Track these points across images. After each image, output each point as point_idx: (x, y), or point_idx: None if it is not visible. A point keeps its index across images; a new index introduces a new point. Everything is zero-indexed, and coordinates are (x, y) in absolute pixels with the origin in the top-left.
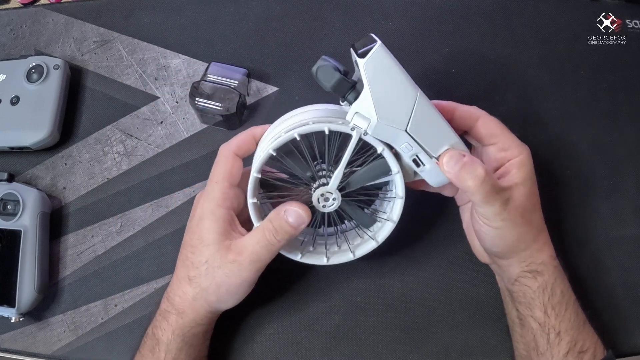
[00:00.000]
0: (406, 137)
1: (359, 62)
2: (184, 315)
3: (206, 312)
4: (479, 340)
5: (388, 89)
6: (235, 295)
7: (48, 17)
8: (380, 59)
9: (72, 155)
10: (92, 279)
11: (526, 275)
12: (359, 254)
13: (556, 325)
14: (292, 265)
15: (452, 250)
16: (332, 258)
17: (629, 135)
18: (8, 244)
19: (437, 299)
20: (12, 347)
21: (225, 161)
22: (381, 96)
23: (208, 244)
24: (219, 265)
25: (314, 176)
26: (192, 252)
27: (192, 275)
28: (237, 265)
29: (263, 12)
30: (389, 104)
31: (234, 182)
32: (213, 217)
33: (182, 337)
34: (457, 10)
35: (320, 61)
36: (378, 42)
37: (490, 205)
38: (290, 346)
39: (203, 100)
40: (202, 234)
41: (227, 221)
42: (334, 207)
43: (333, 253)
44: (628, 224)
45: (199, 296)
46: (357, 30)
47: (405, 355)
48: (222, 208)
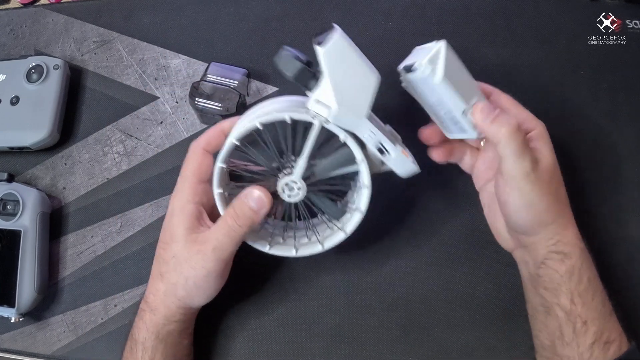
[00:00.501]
0: (368, 124)
1: (318, 50)
2: (156, 312)
3: (177, 307)
4: (479, 340)
5: (348, 77)
6: (204, 289)
7: (48, 17)
8: (339, 47)
9: (72, 155)
10: (92, 279)
11: (553, 256)
12: (328, 245)
13: (582, 313)
14: (292, 265)
15: (453, 250)
16: (301, 250)
17: (629, 135)
18: (8, 244)
19: (437, 299)
20: (12, 347)
21: (194, 157)
22: (341, 84)
23: (177, 240)
24: (186, 258)
25: (280, 166)
26: (163, 249)
27: (163, 271)
28: (201, 255)
29: (263, 12)
30: (349, 91)
31: (203, 177)
32: (181, 213)
33: (156, 334)
34: (457, 10)
35: (281, 51)
36: (338, 30)
37: (522, 160)
38: (290, 346)
39: (203, 100)
40: (172, 230)
41: (195, 216)
42: (300, 197)
43: (302, 245)
44: (628, 224)
45: (169, 292)
46: (357, 30)
47: (405, 355)
48: (191, 203)
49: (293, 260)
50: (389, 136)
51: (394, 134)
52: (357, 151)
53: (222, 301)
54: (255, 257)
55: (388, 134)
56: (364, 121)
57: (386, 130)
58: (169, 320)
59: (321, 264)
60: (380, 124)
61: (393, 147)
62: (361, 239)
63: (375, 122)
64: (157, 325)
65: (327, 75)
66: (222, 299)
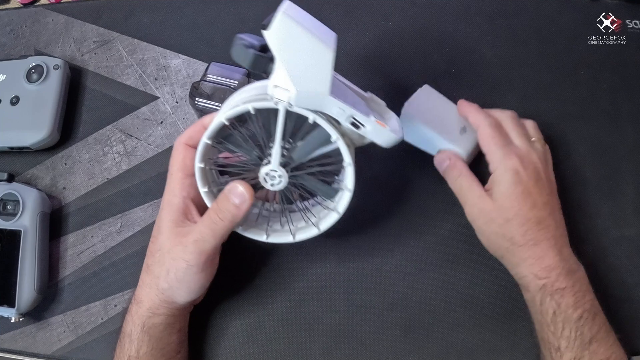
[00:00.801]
0: (334, 101)
1: (264, 34)
2: (141, 304)
3: (160, 301)
4: (479, 340)
5: (301, 56)
6: (186, 282)
7: (48, 17)
8: (285, 26)
9: (72, 155)
10: (92, 279)
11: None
12: (324, 227)
13: (555, 342)
14: (293, 265)
15: (453, 250)
16: (298, 234)
17: (629, 135)
18: (8, 244)
19: (437, 299)
20: (12, 347)
21: (178, 152)
22: (295, 65)
23: (162, 232)
24: (168, 250)
25: (260, 156)
26: (152, 242)
27: (149, 263)
28: (182, 247)
29: (263, 12)
30: (305, 71)
31: (188, 172)
32: (169, 207)
33: (142, 326)
34: (457, 10)
35: (235, 40)
36: (283, 6)
37: (485, 202)
38: (290, 346)
39: (203, 100)
40: (160, 224)
41: (180, 210)
42: (282, 185)
43: (300, 229)
44: (628, 224)
45: (152, 283)
46: (357, 30)
47: (405, 355)
48: (178, 197)
49: (293, 259)
50: (364, 107)
51: (376, 100)
52: (331, 130)
53: (221, 301)
54: (255, 257)
55: (363, 105)
56: (329, 98)
57: (366, 98)
58: (153, 313)
59: (321, 264)
60: (357, 93)
61: (366, 119)
62: (361, 238)
63: (346, 94)
64: (142, 317)
65: (278, 58)
66: (221, 298)
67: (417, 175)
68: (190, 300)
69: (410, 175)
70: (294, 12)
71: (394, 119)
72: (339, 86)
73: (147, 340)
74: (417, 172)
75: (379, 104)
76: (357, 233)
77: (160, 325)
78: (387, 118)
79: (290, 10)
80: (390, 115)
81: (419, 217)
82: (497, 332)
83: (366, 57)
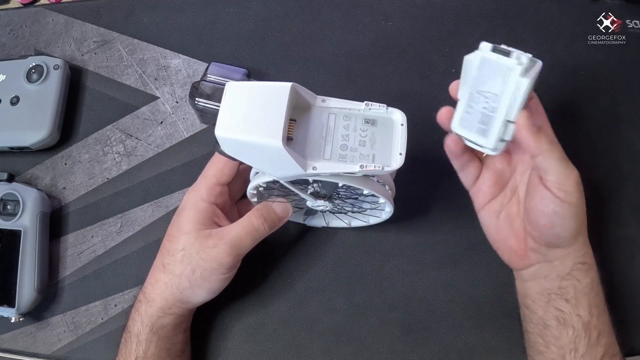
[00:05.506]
0: (313, 173)
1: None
2: (152, 303)
3: (175, 300)
4: (479, 340)
5: (258, 157)
6: (209, 282)
7: (48, 17)
8: (228, 142)
9: (72, 155)
10: (92, 279)
11: (579, 267)
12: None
13: (598, 325)
14: (293, 264)
15: (453, 250)
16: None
17: (629, 135)
18: (8, 244)
19: (437, 299)
20: (12, 347)
21: (219, 159)
22: (258, 163)
23: (186, 232)
24: (197, 251)
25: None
26: (169, 241)
27: (166, 263)
28: (217, 249)
29: (263, 12)
30: (270, 165)
31: (223, 180)
32: (194, 208)
33: (151, 326)
34: (457, 10)
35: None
36: (218, 125)
37: (571, 169)
38: (290, 346)
39: (203, 100)
40: (181, 223)
41: (207, 214)
42: (329, 208)
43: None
44: (628, 224)
45: (171, 282)
46: (357, 30)
47: (405, 355)
48: (205, 202)
49: (293, 259)
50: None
51: (375, 107)
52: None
53: (222, 301)
54: (256, 257)
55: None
56: (309, 173)
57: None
58: (164, 313)
59: (321, 264)
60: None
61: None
62: (361, 238)
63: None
64: (152, 317)
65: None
66: (222, 298)
67: (417, 175)
68: (204, 301)
69: (410, 175)
70: (230, 118)
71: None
72: (317, 151)
73: (155, 340)
74: (417, 172)
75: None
76: (357, 233)
77: (169, 325)
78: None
79: (226, 118)
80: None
81: (418, 217)
82: (497, 332)
83: (366, 57)
